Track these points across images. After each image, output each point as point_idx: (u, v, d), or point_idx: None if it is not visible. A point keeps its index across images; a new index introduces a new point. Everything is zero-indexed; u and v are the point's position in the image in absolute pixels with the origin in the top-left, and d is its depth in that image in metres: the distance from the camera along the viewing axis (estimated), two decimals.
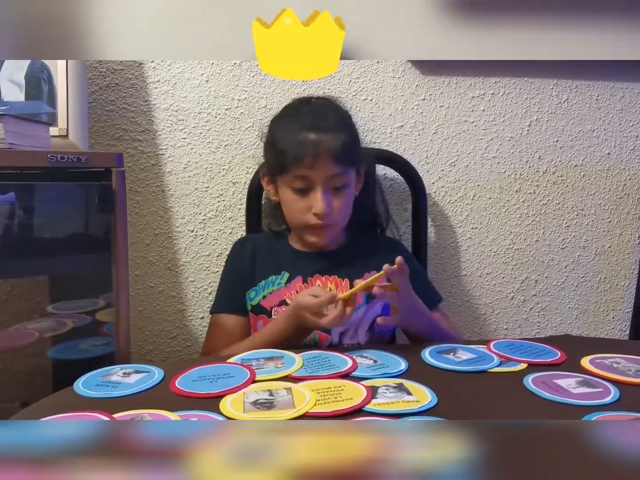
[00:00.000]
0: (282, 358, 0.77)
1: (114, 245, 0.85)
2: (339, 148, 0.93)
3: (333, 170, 0.94)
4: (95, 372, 0.73)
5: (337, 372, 0.72)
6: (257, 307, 1.01)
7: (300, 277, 1.01)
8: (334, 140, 0.93)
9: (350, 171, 0.98)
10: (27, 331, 0.98)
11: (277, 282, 1.01)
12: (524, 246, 1.34)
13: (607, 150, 1.34)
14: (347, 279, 1.01)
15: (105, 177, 0.83)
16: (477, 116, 1.28)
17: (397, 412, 0.60)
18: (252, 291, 1.02)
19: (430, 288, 1.09)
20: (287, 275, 1.01)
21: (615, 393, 0.66)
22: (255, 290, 1.02)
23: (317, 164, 0.92)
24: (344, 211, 0.99)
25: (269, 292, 1.00)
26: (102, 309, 0.96)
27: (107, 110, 1.14)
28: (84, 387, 0.68)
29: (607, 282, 1.40)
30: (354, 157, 0.98)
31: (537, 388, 0.67)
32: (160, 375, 0.72)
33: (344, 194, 0.97)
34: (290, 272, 1.01)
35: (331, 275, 1.01)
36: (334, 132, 0.94)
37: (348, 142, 0.95)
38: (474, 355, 0.79)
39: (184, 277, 1.23)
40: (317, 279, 1.01)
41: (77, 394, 0.67)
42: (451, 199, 1.30)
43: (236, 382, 0.68)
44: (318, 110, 0.99)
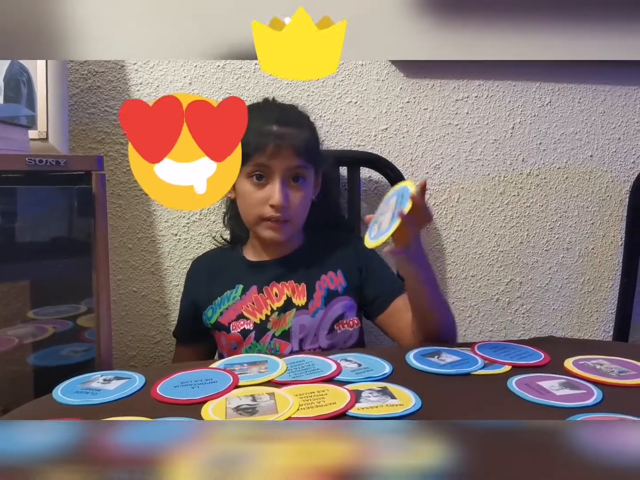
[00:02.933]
0: (266, 362, 0.77)
1: (94, 249, 0.84)
2: (301, 142, 0.95)
3: (294, 162, 0.94)
4: (74, 379, 0.72)
5: (321, 376, 0.71)
6: (216, 324, 1.01)
7: (255, 287, 1.00)
8: (296, 133, 0.95)
9: (309, 168, 0.98)
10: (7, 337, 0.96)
11: (232, 297, 1.01)
12: (509, 248, 1.35)
13: (589, 153, 1.35)
14: (303, 283, 1.00)
15: (85, 181, 0.82)
16: (461, 119, 1.28)
17: (380, 417, 0.60)
18: (208, 310, 1.02)
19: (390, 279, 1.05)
20: (241, 287, 1.01)
21: (598, 394, 0.66)
22: (212, 308, 1.01)
23: (279, 154, 0.93)
24: (301, 209, 0.98)
25: (225, 308, 1.00)
26: (84, 314, 0.95)
27: (89, 113, 1.13)
28: (63, 395, 0.67)
29: (590, 284, 1.41)
30: (314, 155, 0.99)
31: (520, 390, 0.67)
32: (142, 381, 0.70)
33: (301, 190, 0.97)
34: (245, 284, 1.01)
35: (287, 280, 1.01)
36: (297, 127, 0.96)
37: (310, 139, 0.98)
38: (458, 358, 0.79)
39: (167, 282, 1.22)
40: (273, 286, 1.00)
41: (56, 401, 0.65)
42: (435, 201, 1.30)
43: (218, 387, 0.67)
44: (282, 107, 1.03)
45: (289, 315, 0.98)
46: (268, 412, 0.60)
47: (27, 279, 0.99)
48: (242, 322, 0.98)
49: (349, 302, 1.02)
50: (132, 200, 1.17)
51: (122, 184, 1.17)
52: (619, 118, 1.35)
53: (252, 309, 0.99)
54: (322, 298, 1.00)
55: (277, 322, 0.98)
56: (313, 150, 0.99)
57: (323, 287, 1.01)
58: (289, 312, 0.99)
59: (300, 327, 0.98)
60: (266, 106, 1.03)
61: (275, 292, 1.00)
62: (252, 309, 0.99)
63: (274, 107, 1.03)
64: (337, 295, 1.01)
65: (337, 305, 1.00)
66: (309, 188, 1.00)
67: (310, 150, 0.98)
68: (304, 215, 1.01)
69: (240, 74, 1.18)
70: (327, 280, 1.02)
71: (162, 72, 1.15)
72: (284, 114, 0.99)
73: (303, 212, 1.00)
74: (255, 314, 0.99)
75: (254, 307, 0.99)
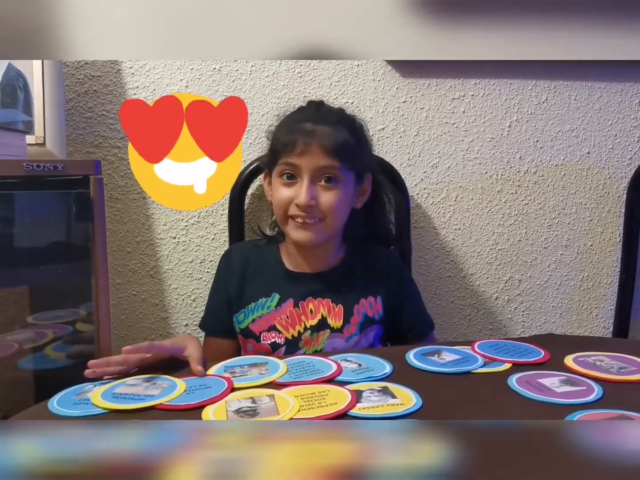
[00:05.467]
0: (267, 364, 0.77)
1: (93, 253, 0.84)
2: (334, 141, 0.90)
3: (323, 161, 0.90)
4: (69, 390, 0.69)
5: (322, 377, 0.71)
6: (246, 330, 0.98)
7: (292, 300, 0.97)
8: (329, 132, 0.90)
9: (346, 171, 0.93)
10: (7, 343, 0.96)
11: (267, 305, 0.97)
12: (507, 246, 1.35)
13: (586, 150, 1.35)
14: (340, 305, 0.97)
15: (83, 185, 0.82)
16: (457, 118, 1.28)
17: (381, 416, 0.60)
18: (240, 314, 0.99)
19: (424, 313, 1.07)
20: (277, 298, 0.97)
21: (598, 391, 0.66)
22: (244, 312, 0.98)
23: (308, 152, 0.90)
24: (333, 209, 0.92)
25: (258, 315, 0.97)
26: (83, 319, 0.95)
27: (86, 117, 1.13)
28: (59, 406, 0.64)
29: (589, 281, 1.41)
30: (353, 157, 0.93)
31: (521, 388, 0.67)
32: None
33: (334, 191, 0.92)
34: (281, 294, 0.97)
35: (324, 298, 0.97)
36: (333, 126, 0.92)
37: (348, 140, 0.92)
38: (458, 357, 0.79)
39: (166, 285, 1.22)
40: (309, 302, 0.97)
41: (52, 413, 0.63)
42: (434, 200, 1.30)
43: (215, 392, 0.66)
44: (324, 107, 0.98)
45: (322, 335, 0.96)
46: (269, 414, 0.60)
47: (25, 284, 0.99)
48: (274, 334, 0.95)
49: (380, 331, 1.00)
50: (130, 203, 1.17)
51: (120, 188, 1.17)
52: (615, 115, 1.35)
53: (286, 323, 0.96)
54: (358, 324, 0.97)
55: (309, 341, 0.95)
56: (351, 152, 0.93)
57: (361, 312, 0.98)
58: (322, 332, 0.96)
59: (333, 350, 0.95)
60: (307, 106, 1.00)
61: (310, 309, 0.96)
62: (285, 323, 0.96)
63: (315, 105, 0.99)
64: (373, 323, 0.99)
65: (371, 334, 0.98)
66: (345, 191, 0.94)
67: (348, 151, 0.92)
68: (340, 219, 0.96)
69: (237, 77, 1.18)
70: (367, 306, 0.99)
71: (158, 76, 1.15)
72: (321, 113, 0.95)
73: (337, 215, 0.94)
74: (289, 328, 0.95)
75: (287, 321, 0.96)
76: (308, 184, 0.90)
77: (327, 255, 1.01)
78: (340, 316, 0.96)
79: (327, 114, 0.95)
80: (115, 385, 0.69)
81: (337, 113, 0.98)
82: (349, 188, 0.95)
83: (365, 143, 1.00)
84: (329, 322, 0.96)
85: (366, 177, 1.00)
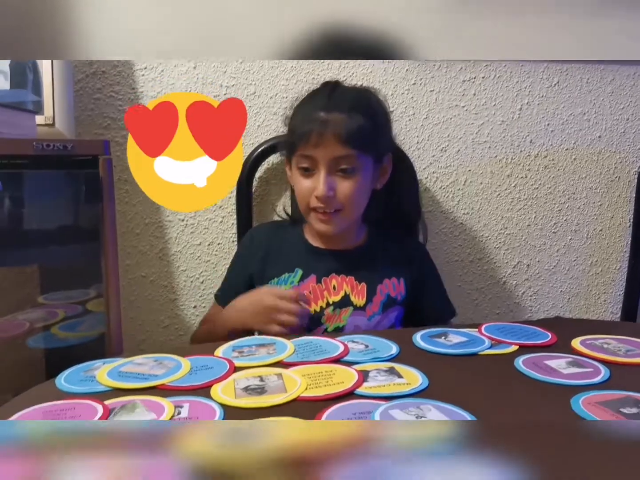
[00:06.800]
0: (274, 344, 0.77)
1: (102, 234, 0.84)
2: (349, 129, 0.89)
3: (339, 151, 0.89)
4: (78, 367, 0.70)
5: (329, 357, 0.72)
6: None
7: (314, 276, 0.97)
8: (344, 120, 0.89)
9: (363, 157, 0.92)
10: (18, 322, 0.97)
11: (289, 281, 0.98)
12: (516, 231, 1.35)
13: (598, 134, 1.34)
14: (364, 283, 0.98)
15: (92, 165, 0.82)
16: (467, 100, 1.27)
17: (388, 395, 0.60)
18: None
19: (446, 300, 1.07)
20: (300, 273, 0.98)
21: (605, 373, 0.66)
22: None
23: (322, 143, 0.89)
24: (352, 199, 0.93)
25: None
26: (93, 299, 0.96)
27: (94, 98, 1.13)
28: (66, 383, 0.65)
29: (598, 266, 1.40)
30: (369, 142, 0.92)
31: (527, 369, 0.67)
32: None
33: (352, 180, 0.92)
34: (304, 270, 0.98)
35: (347, 276, 0.98)
36: (347, 113, 0.90)
37: (363, 125, 0.90)
38: (465, 339, 0.79)
39: (175, 267, 1.23)
40: (332, 278, 0.97)
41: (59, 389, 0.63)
42: (442, 184, 1.29)
43: (217, 373, 0.66)
44: (338, 92, 0.95)
45: (345, 312, 0.96)
46: (276, 392, 0.61)
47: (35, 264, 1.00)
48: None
49: (402, 313, 1.00)
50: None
51: (129, 170, 1.16)
52: (627, 98, 1.34)
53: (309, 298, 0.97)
54: (381, 303, 0.97)
55: (331, 317, 0.96)
56: (367, 137, 0.91)
57: (384, 292, 0.98)
58: (345, 309, 0.96)
59: (355, 328, 0.95)
60: (321, 91, 0.97)
61: (334, 285, 0.97)
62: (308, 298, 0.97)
63: (328, 90, 0.95)
64: (395, 304, 0.99)
65: (392, 314, 0.98)
66: (364, 177, 0.93)
67: (364, 137, 0.90)
68: (359, 206, 0.97)
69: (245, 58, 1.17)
70: (390, 286, 0.99)
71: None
72: (335, 99, 0.93)
73: (357, 203, 0.95)
74: (311, 304, 0.96)
75: (310, 296, 0.97)
76: (325, 175, 0.91)
77: (350, 235, 1.02)
78: (363, 294, 0.97)
79: (341, 100, 0.93)
80: (123, 364, 0.70)
81: (351, 98, 0.95)
82: (368, 173, 0.95)
83: (382, 124, 0.97)
84: (352, 299, 0.97)
85: (386, 158, 0.99)
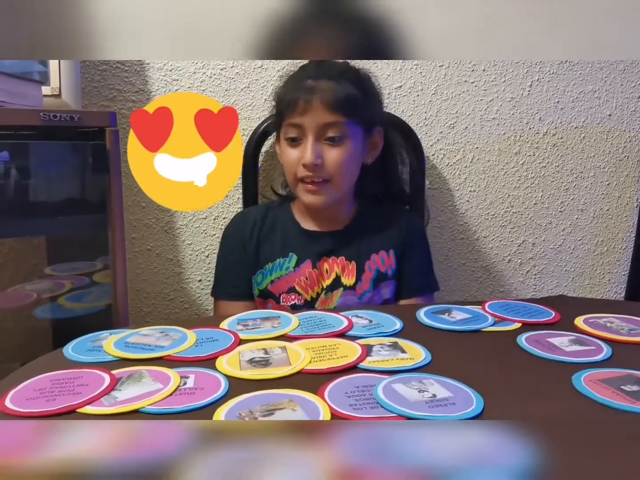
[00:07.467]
0: (279, 318, 0.78)
1: (109, 206, 0.85)
2: (337, 95, 0.88)
3: (326, 118, 0.88)
4: (86, 337, 0.71)
5: (333, 331, 0.72)
6: (265, 291, 0.98)
7: (310, 261, 0.97)
8: (332, 86, 0.88)
9: (351, 125, 0.90)
10: (26, 292, 0.98)
11: (285, 266, 0.97)
12: (522, 209, 1.34)
13: (608, 112, 1.32)
14: (354, 262, 0.97)
15: (98, 137, 0.82)
16: (477, 76, 1.26)
17: (391, 369, 0.61)
18: (258, 274, 0.99)
19: (426, 275, 1.04)
20: (295, 259, 0.97)
21: (607, 351, 0.67)
22: (262, 273, 0.98)
23: (310, 110, 0.88)
24: (341, 168, 0.91)
25: (276, 276, 0.97)
26: (100, 271, 0.97)
27: (100, 70, 1.12)
28: (74, 352, 0.66)
29: (604, 245, 1.40)
30: (358, 109, 0.91)
31: (530, 346, 0.68)
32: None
33: (341, 148, 0.90)
34: (299, 255, 0.97)
35: (338, 256, 0.97)
36: (335, 80, 0.89)
37: (350, 93, 0.89)
38: (468, 315, 0.80)
39: (180, 240, 1.23)
40: (324, 261, 0.97)
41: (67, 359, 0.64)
42: (449, 161, 1.29)
43: (223, 345, 0.67)
44: (325, 63, 0.94)
45: (336, 294, 0.96)
46: (280, 364, 0.61)
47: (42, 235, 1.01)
48: (294, 296, 0.96)
49: (395, 287, 0.99)
50: None
51: None
52: (639, 76, 1.32)
53: (305, 285, 0.96)
54: (371, 280, 0.96)
55: (324, 301, 0.96)
56: (357, 105, 0.90)
57: (373, 269, 0.97)
58: (336, 291, 0.96)
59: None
60: (309, 63, 0.96)
61: (325, 269, 0.97)
62: (305, 285, 0.96)
63: (315, 62, 0.94)
64: (386, 279, 0.98)
65: (385, 289, 0.98)
66: (353, 147, 0.91)
67: (352, 104, 0.89)
68: (349, 176, 0.95)
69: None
70: (378, 261, 0.98)
71: None
72: (323, 68, 0.91)
73: (346, 173, 0.93)
74: (308, 290, 0.96)
75: (307, 282, 0.96)
76: (312, 142, 0.89)
77: (340, 213, 1.00)
78: (353, 274, 0.97)
79: (329, 69, 0.92)
80: (130, 334, 0.70)
81: (339, 66, 0.94)
82: (357, 143, 0.93)
83: (372, 95, 0.96)
84: (342, 280, 0.97)
85: (376, 131, 0.98)
